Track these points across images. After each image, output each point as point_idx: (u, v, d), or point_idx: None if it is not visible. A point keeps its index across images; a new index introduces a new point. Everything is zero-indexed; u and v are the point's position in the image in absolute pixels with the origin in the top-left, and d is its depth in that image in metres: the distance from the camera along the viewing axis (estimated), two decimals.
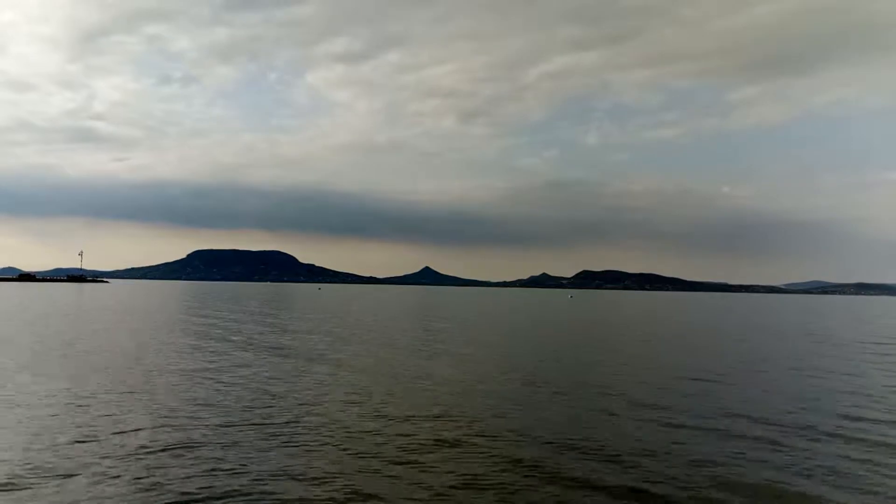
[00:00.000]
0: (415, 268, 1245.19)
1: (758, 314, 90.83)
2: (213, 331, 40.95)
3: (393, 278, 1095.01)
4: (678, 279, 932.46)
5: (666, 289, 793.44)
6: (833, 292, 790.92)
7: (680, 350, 35.25)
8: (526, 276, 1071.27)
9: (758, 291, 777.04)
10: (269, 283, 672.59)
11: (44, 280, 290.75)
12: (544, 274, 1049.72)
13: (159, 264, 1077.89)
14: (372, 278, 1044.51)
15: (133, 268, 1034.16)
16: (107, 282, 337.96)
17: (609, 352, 33.46)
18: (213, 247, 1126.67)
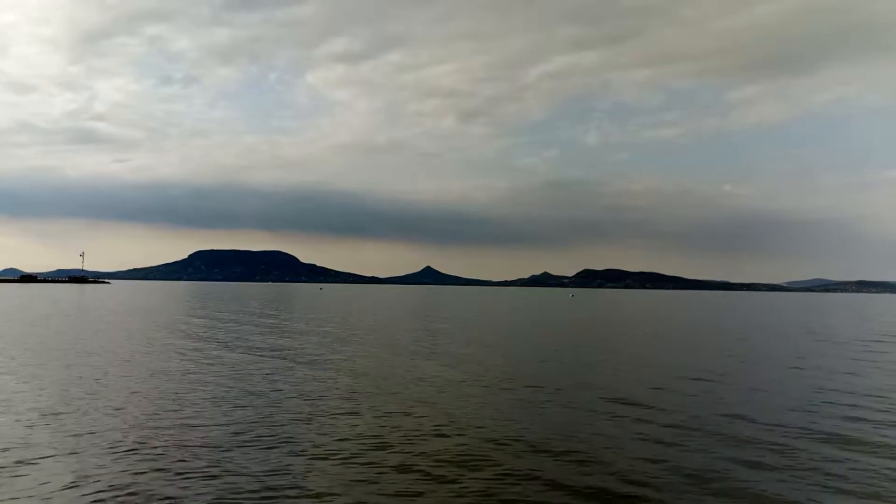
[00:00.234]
0: (416, 267, 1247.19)
1: (759, 312, 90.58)
2: (207, 333, 40.83)
3: (394, 278, 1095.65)
4: (679, 278, 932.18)
5: (667, 287, 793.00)
6: (835, 290, 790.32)
7: (681, 349, 35.07)
8: (527, 275, 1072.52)
9: (760, 290, 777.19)
10: (271, 283, 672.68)
11: (45, 281, 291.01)
12: (545, 273, 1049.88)
13: (160, 265, 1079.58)
14: (373, 278, 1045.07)
15: (134, 268, 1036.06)
16: (108, 282, 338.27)
17: (609, 351, 33.28)
18: (215, 247, 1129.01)
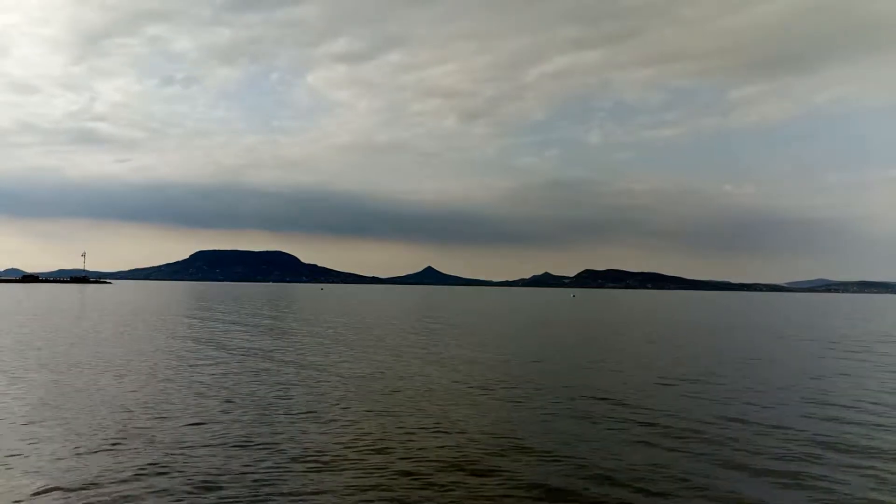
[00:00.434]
0: (417, 267, 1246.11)
1: (758, 313, 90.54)
2: (200, 333, 40.85)
3: (395, 278, 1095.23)
4: (680, 278, 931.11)
5: (668, 288, 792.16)
6: (836, 290, 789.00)
7: (678, 351, 35.04)
8: (528, 275, 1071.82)
9: (760, 290, 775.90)
10: (272, 283, 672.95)
11: (46, 281, 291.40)
12: (546, 273, 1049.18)
13: (162, 265, 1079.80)
14: (374, 278, 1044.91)
15: (136, 268, 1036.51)
16: (110, 283, 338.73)
17: (608, 352, 33.25)
18: (216, 247, 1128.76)
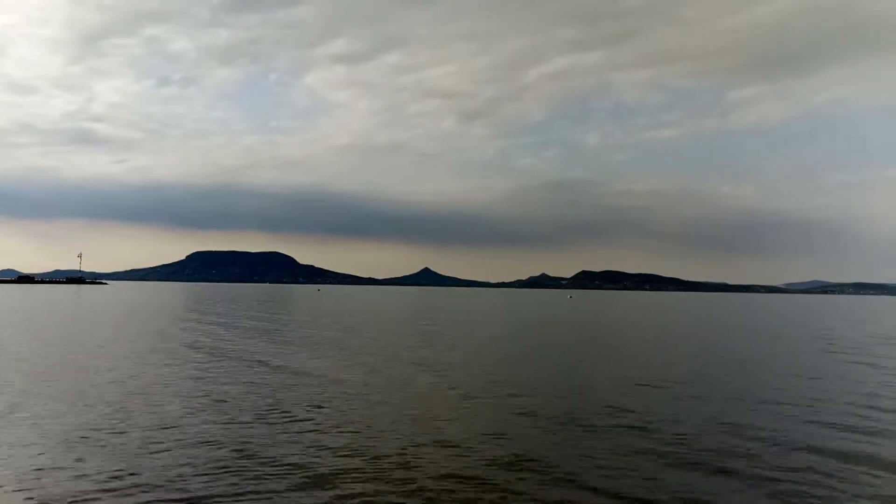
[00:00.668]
0: (414, 268, 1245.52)
1: (757, 315, 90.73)
2: (189, 336, 40.78)
3: (392, 279, 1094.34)
4: (678, 279, 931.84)
5: (665, 289, 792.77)
6: (832, 292, 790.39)
7: (674, 354, 35.17)
8: (525, 276, 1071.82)
9: (757, 291, 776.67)
10: (268, 284, 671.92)
11: (43, 282, 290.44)
12: (544, 274, 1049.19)
13: (158, 266, 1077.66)
14: (371, 279, 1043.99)
15: (132, 269, 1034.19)
16: (106, 283, 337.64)
17: (603, 353, 33.38)
18: (213, 248, 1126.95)
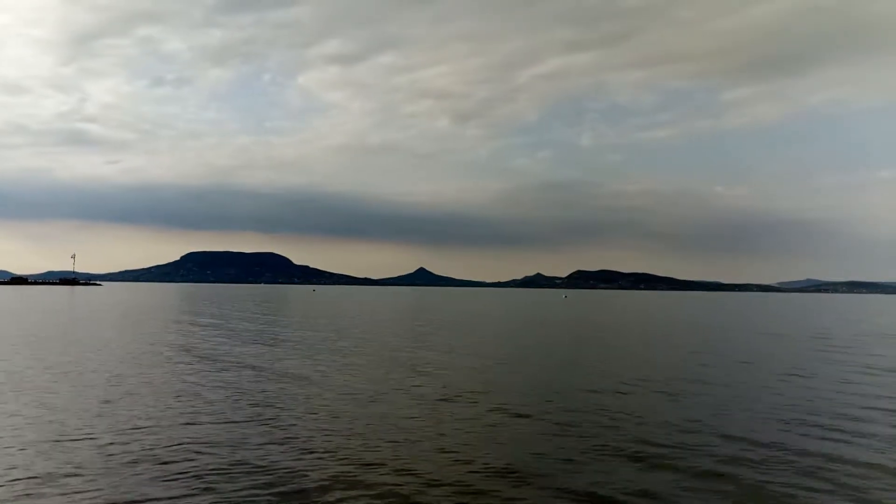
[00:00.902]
0: (409, 269, 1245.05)
1: (755, 313, 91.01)
2: (177, 338, 40.60)
3: (388, 279, 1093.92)
4: (672, 278, 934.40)
5: (660, 288, 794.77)
6: (826, 291, 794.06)
7: (672, 351, 35.21)
8: (520, 276, 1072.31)
9: (752, 290, 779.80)
10: (263, 284, 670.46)
11: (36, 283, 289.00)
12: (538, 274, 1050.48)
13: (152, 267, 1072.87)
14: (367, 279, 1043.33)
15: (126, 270, 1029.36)
16: (100, 284, 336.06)
17: (599, 354, 33.37)
18: (207, 249, 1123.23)
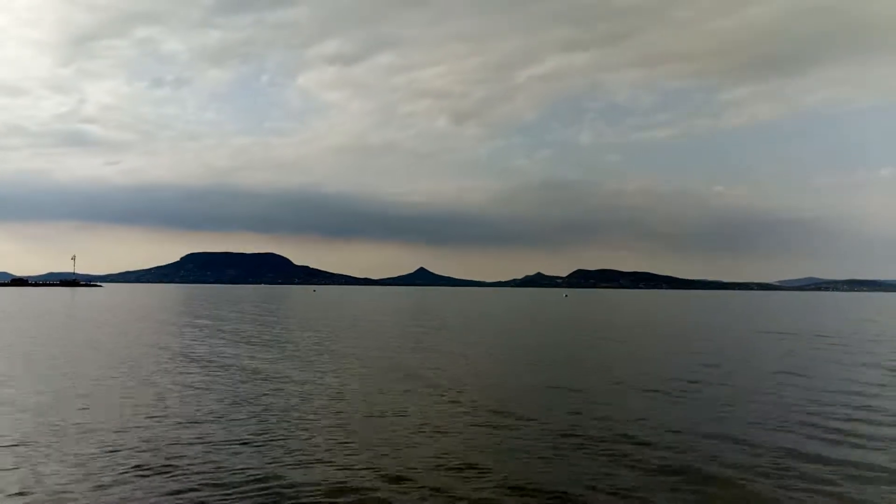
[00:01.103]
0: (409, 269, 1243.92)
1: (752, 312, 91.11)
2: (171, 340, 40.77)
3: (388, 279, 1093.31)
4: (672, 277, 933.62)
5: (660, 287, 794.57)
6: (826, 289, 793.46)
7: (671, 351, 35.41)
8: (521, 275, 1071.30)
9: (752, 289, 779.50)
10: (264, 285, 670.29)
11: (36, 285, 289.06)
12: (539, 273, 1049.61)
13: (152, 268, 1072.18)
14: (367, 280, 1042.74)
15: (126, 271, 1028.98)
16: (100, 286, 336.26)
17: (604, 355, 33.56)
18: (207, 250, 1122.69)
